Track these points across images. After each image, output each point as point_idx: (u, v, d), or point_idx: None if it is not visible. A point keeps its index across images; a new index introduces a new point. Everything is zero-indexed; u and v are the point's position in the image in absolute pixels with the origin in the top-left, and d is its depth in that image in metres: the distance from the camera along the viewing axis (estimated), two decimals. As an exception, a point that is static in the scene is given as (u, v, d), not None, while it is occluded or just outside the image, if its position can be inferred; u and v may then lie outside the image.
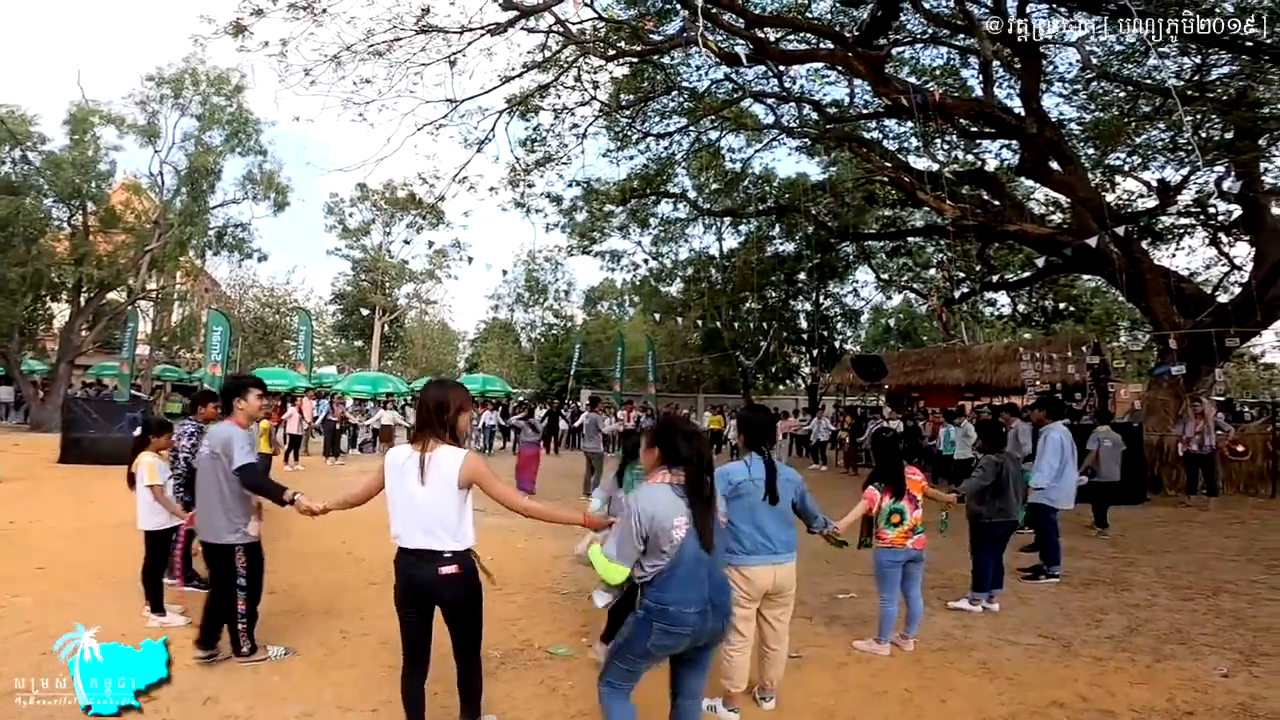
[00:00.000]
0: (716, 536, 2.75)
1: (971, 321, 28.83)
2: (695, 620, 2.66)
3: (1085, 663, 4.69)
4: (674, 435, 2.85)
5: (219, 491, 4.13)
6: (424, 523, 2.99)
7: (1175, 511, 10.74)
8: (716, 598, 2.72)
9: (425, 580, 3.01)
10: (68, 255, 21.08)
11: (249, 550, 4.25)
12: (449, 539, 2.99)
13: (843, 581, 6.50)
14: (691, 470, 2.78)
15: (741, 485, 3.66)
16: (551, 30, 12.64)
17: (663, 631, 2.67)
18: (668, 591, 2.67)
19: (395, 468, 3.07)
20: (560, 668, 4.43)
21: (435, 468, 2.97)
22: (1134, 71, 14.91)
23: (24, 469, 12.50)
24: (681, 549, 2.67)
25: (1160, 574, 7.04)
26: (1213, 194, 16.06)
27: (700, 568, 2.69)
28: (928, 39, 15.45)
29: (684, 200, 22.97)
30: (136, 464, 5.00)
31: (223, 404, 4.40)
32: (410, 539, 3.02)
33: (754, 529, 3.65)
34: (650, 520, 2.69)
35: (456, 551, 3.01)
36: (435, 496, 2.97)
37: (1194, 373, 12.71)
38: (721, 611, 2.74)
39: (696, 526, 2.70)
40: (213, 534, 4.20)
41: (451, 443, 3.06)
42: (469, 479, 3.00)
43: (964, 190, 16.26)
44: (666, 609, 2.66)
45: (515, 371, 40.74)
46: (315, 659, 4.47)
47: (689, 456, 2.79)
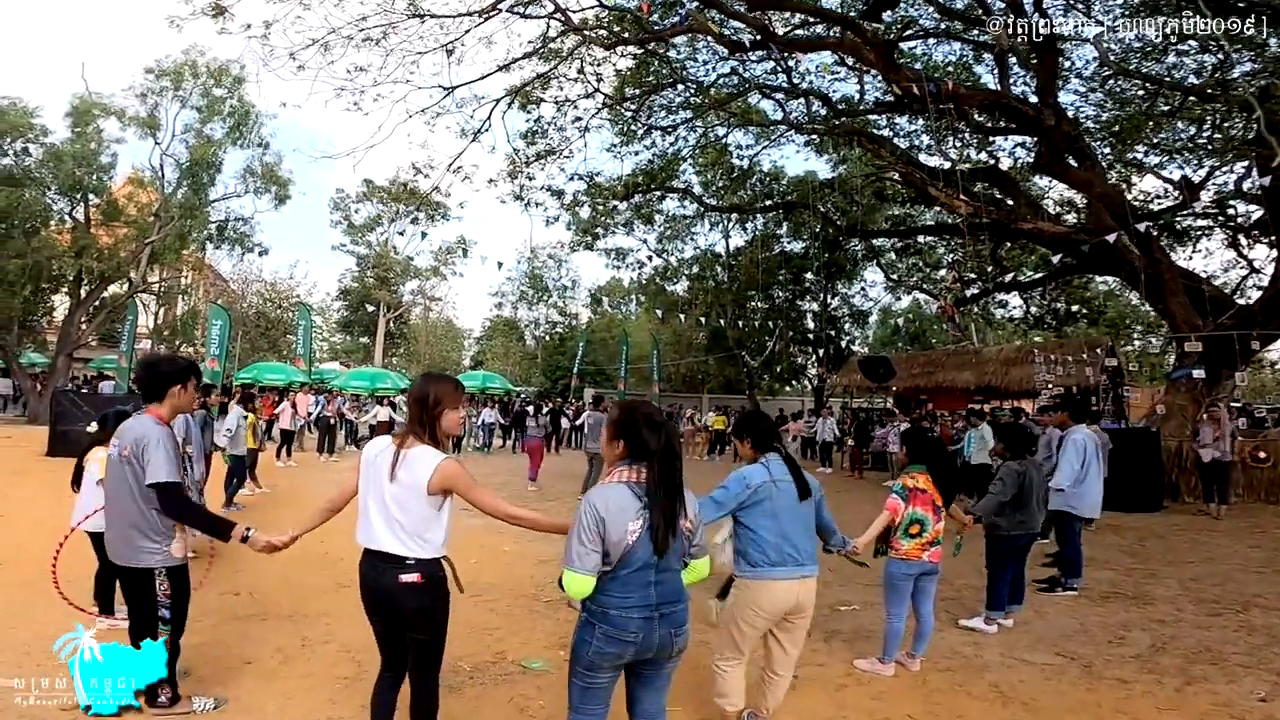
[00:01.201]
0: (673, 540, 2.43)
1: (982, 323, 28.37)
2: (639, 626, 2.39)
3: (1108, 685, 4.30)
4: (639, 426, 2.51)
5: (133, 503, 3.29)
6: (388, 524, 2.70)
7: (1194, 520, 10.31)
8: (665, 605, 2.44)
9: (385, 588, 2.71)
10: (68, 248, 20.89)
11: (173, 574, 3.40)
12: (413, 544, 2.69)
13: (844, 592, 6.10)
14: (655, 465, 2.45)
15: (761, 489, 3.31)
16: (551, 17, 12.30)
17: (605, 637, 2.40)
18: (609, 594, 2.41)
19: (369, 460, 2.80)
20: (532, 684, 4.06)
21: (407, 467, 2.68)
22: (1153, 68, 14.50)
23: (11, 461, 12.27)
24: (630, 553, 2.38)
25: (1184, 587, 6.63)
26: (1233, 194, 15.61)
27: (647, 571, 2.42)
28: (939, 33, 15.06)
29: (689, 196, 22.61)
30: (88, 459, 4.52)
31: (148, 390, 3.45)
32: (372, 539, 2.73)
33: (779, 538, 3.28)
34: (600, 524, 2.37)
35: (421, 559, 2.70)
36: (403, 497, 2.68)
37: (1214, 376, 12.28)
38: (671, 621, 2.45)
39: (651, 529, 2.39)
40: (127, 556, 3.33)
41: (430, 443, 2.74)
42: (442, 486, 2.69)
43: (977, 188, 15.85)
44: (608, 612, 2.40)
45: (519, 369, 40.45)
46: (268, 668, 4.14)
47: (655, 449, 2.47)
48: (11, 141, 20.28)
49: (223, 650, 4.33)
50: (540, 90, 15.54)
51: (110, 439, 4.28)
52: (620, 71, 16.17)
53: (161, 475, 3.21)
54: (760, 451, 3.47)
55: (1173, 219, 16.24)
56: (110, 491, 3.42)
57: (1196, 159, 16.26)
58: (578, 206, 21.05)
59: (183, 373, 3.51)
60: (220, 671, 4.01)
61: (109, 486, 3.44)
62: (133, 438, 3.29)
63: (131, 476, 3.28)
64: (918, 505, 4.26)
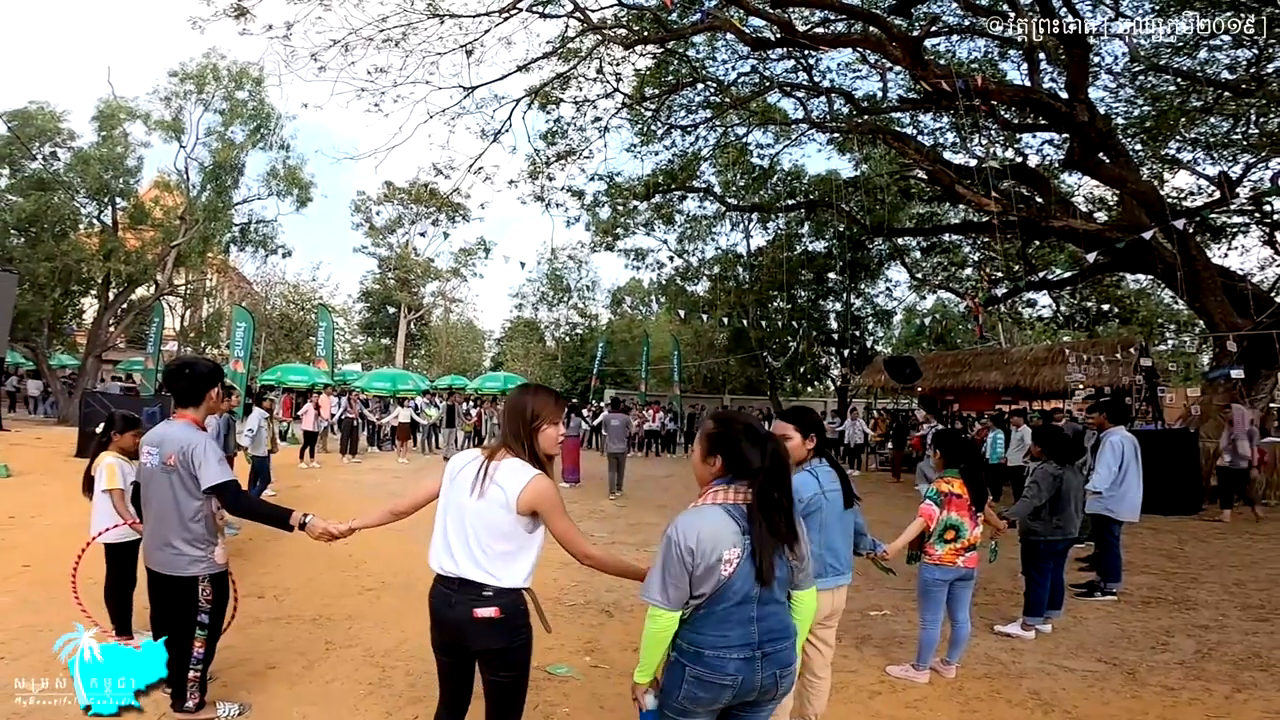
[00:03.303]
0: (780, 569, 2.14)
1: (1010, 323, 27.93)
2: (738, 668, 2.10)
3: (1154, 692, 4.15)
4: (740, 440, 2.22)
5: (177, 512, 3.25)
6: (466, 546, 2.38)
7: (1235, 523, 10.02)
8: (769, 644, 2.14)
9: (458, 622, 2.36)
10: (97, 251, 21.18)
11: (215, 581, 3.38)
12: (495, 571, 2.36)
13: (875, 596, 5.96)
14: (759, 485, 2.16)
15: (812, 501, 3.11)
16: (571, 16, 12.25)
17: (697, 680, 2.11)
18: (703, 632, 2.12)
19: (452, 474, 2.50)
20: (558, 690, 3.97)
21: (495, 481, 2.38)
22: (1184, 63, 14.17)
23: (40, 463, 12.37)
24: (727, 585, 2.10)
25: (1228, 591, 6.42)
26: (1270, 190, 15.21)
27: (748, 606, 2.12)
28: (966, 30, 14.81)
29: (710, 195, 22.47)
30: (96, 465, 4.22)
31: (183, 395, 3.41)
32: (445, 563, 2.40)
33: (823, 549, 3.14)
34: (689, 555, 2.09)
35: (502, 589, 2.36)
36: (487, 515, 2.37)
37: (1253, 376, 11.96)
38: (775, 661, 2.15)
39: (754, 558, 2.10)
40: (169, 565, 3.28)
41: (528, 459, 2.44)
42: (532, 504, 2.37)
43: (1005, 186, 15.60)
44: (701, 652, 2.11)
45: (540, 371, 40.47)
46: (292, 672, 4.09)
47: (759, 466, 2.18)
48: (40, 146, 20.57)
49: (247, 654, 4.29)
50: (560, 90, 15.51)
51: (113, 443, 4.34)
52: (639, 71, 16.11)
53: (217, 477, 3.20)
54: (813, 454, 3.25)
55: (1208, 215, 15.84)
56: (153, 502, 3.33)
57: (1232, 155, 15.89)
58: (598, 207, 21.02)
59: (216, 374, 3.49)
60: (244, 676, 3.97)
61: (152, 496, 3.33)
62: (177, 446, 3.23)
63: (178, 484, 3.24)
64: (953, 510, 4.13)
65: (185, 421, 3.33)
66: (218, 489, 3.20)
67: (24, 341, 20.63)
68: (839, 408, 25.52)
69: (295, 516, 3.13)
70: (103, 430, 4.41)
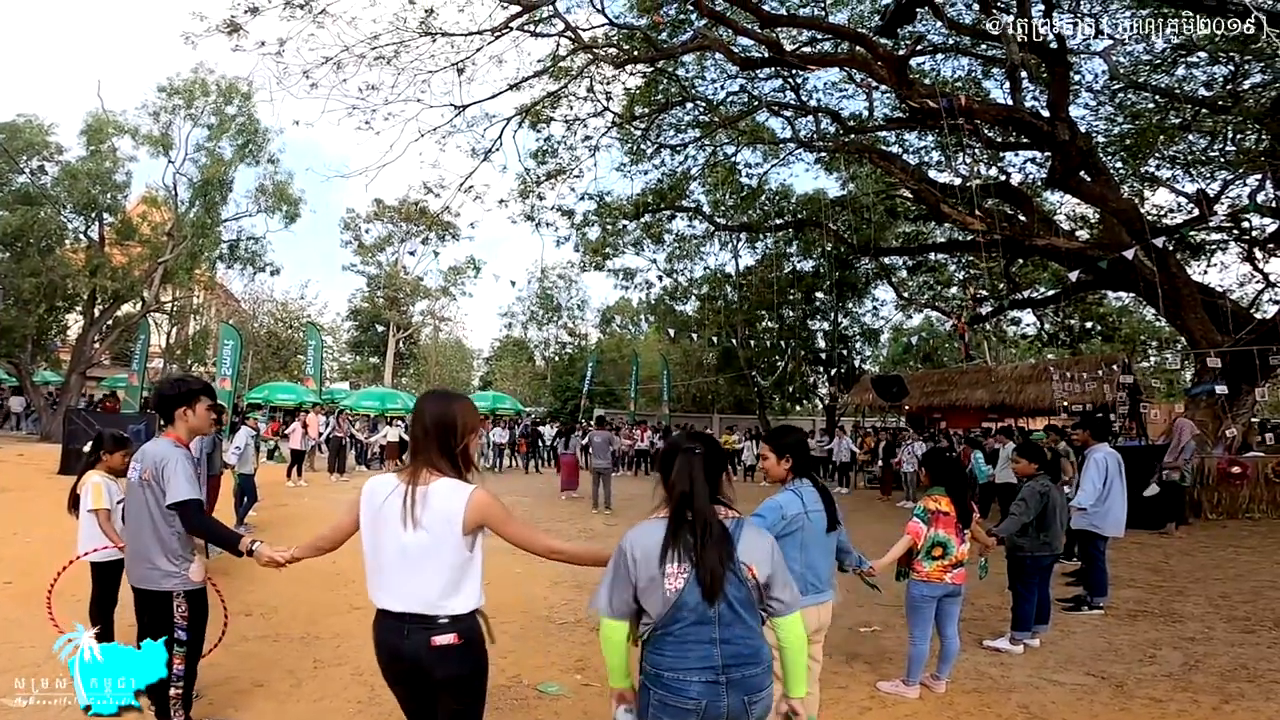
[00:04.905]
0: (732, 588, 2.09)
1: (995, 341, 28.17)
2: (700, 692, 2.04)
3: (1142, 704, 4.17)
4: (671, 460, 2.25)
5: (152, 526, 3.26)
6: (409, 581, 2.21)
7: (1219, 537, 10.11)
8: (734, 669, 2.08)
9: (413, 654, 2.21)
10: (83, 266, 21.02)
11: (191, 597, 3.33)
12: (445, 602, 2.21)
13: (864, 613, 5.97)
14: (674, 504, 2.18)
15: (795, 519, 3.11)
16: (562, 35, 12.38)
17: (661, 705, 2.07)
18: (663, 653, 2.09)
19: (372, 505, 2.29)
20: (549, 709, 3.95)
21: (429, 507, 2.21)
22: (1162, 81, 14.46)
23: (22, 480, 12.25)
24: (679, 603, 2.07)
25: (1213, 604, 6.47)
26: (1248, 207, 15.49)
27: (708, 627, 2.07)
28: (950, 48, 15.08)
29: (699, 215, 22.61)
30: (82, 484, 4.19)
31: (160, 413, 3.44)
32: (389, 602, 2.24)
33: (805, 568, 3.14)
34: (631, 564, 2.10)
35: (456, 615, 2.22)
36: (432, 545, 2.20)
37: (1234, 392, 12.13)
38: (743, 687, 2.08)
39: (697, 572, 2.07)
40: (145, 579, 3.28)
41: (453, 474, 2.29)
42: (479, 521, 2.24)
43: (989, 204, 15.81)
44: (660, 675, 2.08)
45: (529, 390, 40.40)
46: (280, 690, 4.06)
47: (673, 485, 2.22)
48: (28, 159, 20.44)
49: (234, 672, 4.25)
50: (550, 109, 15.62)
51: (101, 462, 4.30)
52: (630, 90, 16.25)
53: (182, 494, 3.15)
54: (796, 475, 3.26)
55: (1187, 233, 16.11)
56: (131, 517, 3.35)
57: (1210, 172, 16.19)
58: (587, 226, 21.09)
59: (188, 395, 3.40)
60: (231, 694, 3.93)
61: (131, 511, 3.35)
62: (152, 461, 3.24)
63: (152, 500, 3.24)
64: (940, 528, 4.16)
65: (168, 439, 3.32)
66: (179, 505, 3.16)
67: (7, 357, 20.44)
68: (827, 426, 25.58)
69: (244, 542, 3.04)
70: (91, 449, 4.37)
